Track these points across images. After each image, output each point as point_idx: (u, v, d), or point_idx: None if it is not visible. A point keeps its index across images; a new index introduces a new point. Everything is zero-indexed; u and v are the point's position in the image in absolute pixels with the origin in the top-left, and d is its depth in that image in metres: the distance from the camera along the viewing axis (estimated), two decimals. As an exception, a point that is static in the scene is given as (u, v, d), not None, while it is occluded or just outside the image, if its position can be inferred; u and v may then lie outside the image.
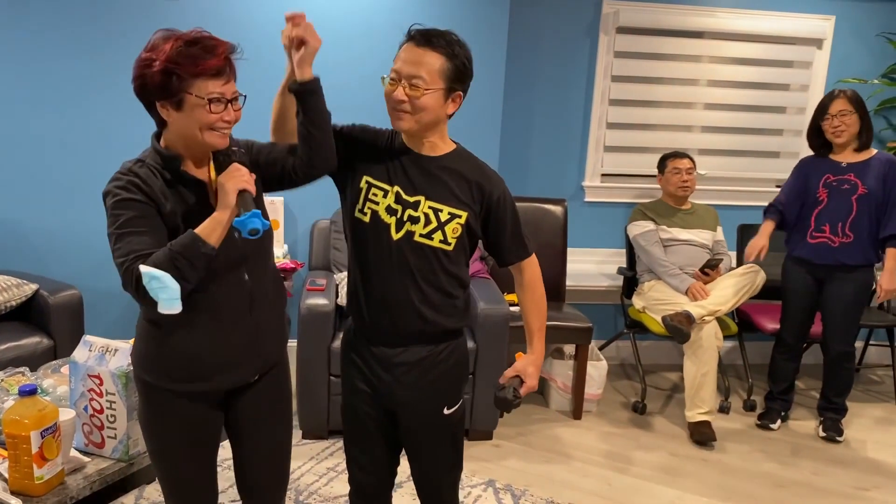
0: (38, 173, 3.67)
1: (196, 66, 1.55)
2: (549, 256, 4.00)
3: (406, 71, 1.77)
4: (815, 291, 3.52)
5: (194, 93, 1.56)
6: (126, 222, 1.57)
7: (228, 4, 3.66)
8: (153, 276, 1.49)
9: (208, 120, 1.59)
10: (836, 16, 4.29)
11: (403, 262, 1.80)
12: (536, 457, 3.28)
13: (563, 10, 4.13)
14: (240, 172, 1.63)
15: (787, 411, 3.74)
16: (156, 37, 1.62)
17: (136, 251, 1.54)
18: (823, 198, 3.42)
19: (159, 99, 1.60)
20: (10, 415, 1.70)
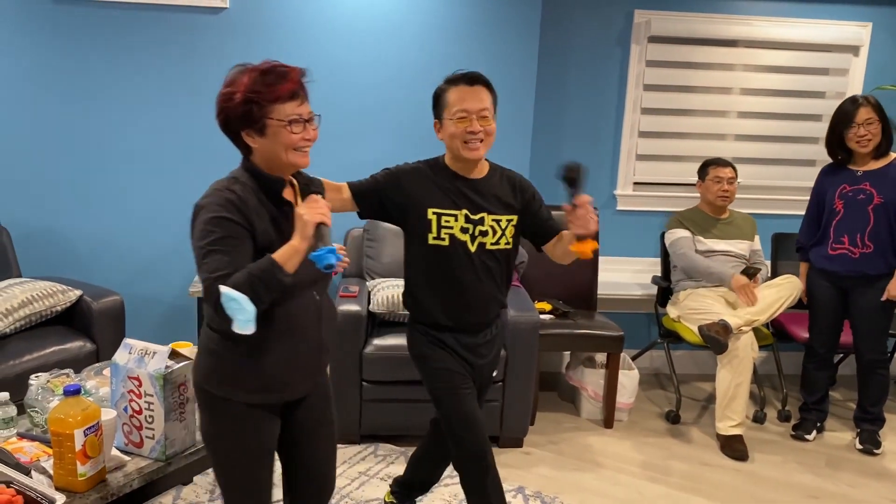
0: (82, 183, 3.80)
1: (273, 92, 1.68)
2: (581, 265, 4.00)
3: (475, 107, 2.15)
4: (841, 301, 3.49)
5: (275, 117, 1.69)
6: (217, 241, 1.64)
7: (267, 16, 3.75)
8: (232, 298, 1.56)
9: (291, 140, 1.72)
10: (872, 22, 4.24)
11: (485, 267, 2.25)
12: (567, 464, 3.29)
13: (595, 21, 4.14)
14: (318, 204, 1.72)
15: (822, 422, 3.69)
16: (232, 73, 1.74)
17: (221, 271, 1.61)
18: (840, 209, 3.40)
19: (244, 128, 1.72)
20: (55, 413, 1.77)
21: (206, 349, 1.79)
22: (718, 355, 3.45)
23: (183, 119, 3.80)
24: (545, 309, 3.76)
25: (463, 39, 3.84)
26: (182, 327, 3.98)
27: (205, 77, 3.77)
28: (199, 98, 3.78)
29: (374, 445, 3.33)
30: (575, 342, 3.64)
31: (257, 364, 1.76)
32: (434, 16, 3.81)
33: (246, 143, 1.75)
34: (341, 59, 3.82)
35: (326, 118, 3.84)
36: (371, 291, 3.45)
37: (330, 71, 3.82)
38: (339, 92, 3.85)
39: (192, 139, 3.82)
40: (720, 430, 3.49)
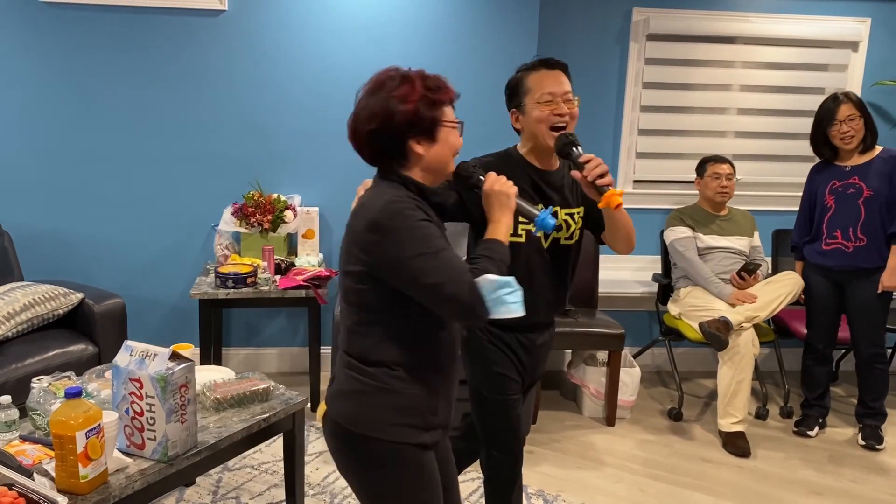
0: (84, 187, 3.81)
1: (446, 94, 1.61)
2: (582, 263, 4.01)
3: (560, 90, 2.08)
4: (837, 296, 3.50)
5: (447, 119, 1.61)
6: (438, 241, 1.51)
7: (266, 18, 3.76)
8: (504, 283, 1.49)
9: (458, 144, 1.65)
10: (871, 18, 4.24)
11: (557, 264, 2.17)
12: (569, 463, 3.29)
13: (593, 19, 4.15)
14: (503, 178, 1.68)
15: (824, 417, 3.69)
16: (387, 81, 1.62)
17: (465, 267, 1.51)
18: (831, 204, 3.43)
19: (414, 135, 1.58)
20: (57, 416, 1.78)
21: (364, 388, 1.60)
22: (719, 352, 3.45)
23: (183, 121, 3.81)
24: (546, 307, 3.76)
25: (461, 38, 3.85)
26: (183, 329, 4.00)
27: (204, 79, 3.78)
28: (200, 100, 3.79)
29: (376, 445, 3.33)
30: (576, 340, 3.64)
31: (432, 395, 1.62)
32: (432, 14, 3.82)
33: (402, 154, 1.61)
34: (340, 60, 3.82)
35: (326, 118, 3.87)
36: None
37: (329, 72, 3.83)
38: (338, 92, 3.85)
39: (193, 141, 3.83)
40: (722, 426, 3.49)
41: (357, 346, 1.61)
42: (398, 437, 1.58)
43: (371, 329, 1.59)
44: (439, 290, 1.47)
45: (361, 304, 1.59)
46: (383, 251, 1.50)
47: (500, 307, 1.47)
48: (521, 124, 2.17)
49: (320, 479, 3.03)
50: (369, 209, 1.53)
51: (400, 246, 1.48)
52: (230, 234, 3.76)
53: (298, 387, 3.96)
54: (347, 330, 1.63)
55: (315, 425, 3.50)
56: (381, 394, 1.58)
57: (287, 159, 3.90)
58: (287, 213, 3.72)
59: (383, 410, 1.58)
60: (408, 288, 1.51)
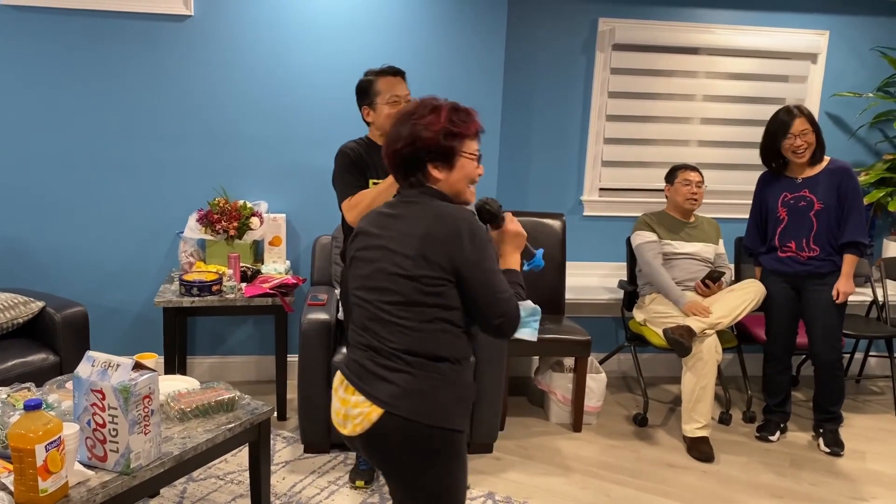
0: (44, 193, 3.75)
1: (469, 127, 1.79)
2: (548, 270, 4.04)
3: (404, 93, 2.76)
4: (796, 300, 3.57)
5: (466, 151, 1.79)
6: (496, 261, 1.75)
7: (232, 23, 3.73)
8: (535, 310, 1.72)
9: (474, 174, 1.83)
10: (830, 31, 4.35)
11: None
12: (536, 469, 3.31)
13: (560, 28, 4.19)
14: (516, 220, 1.94)
15: (785, 423, 3.76)
16: (424, 107, 1.79)
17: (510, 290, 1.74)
18: (784, 216, 3.52)
19: (434, 160, 1.78)
20: (15, 429, 1.74)
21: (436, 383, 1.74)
22: (682, 358, 3.50)
23: (148, 127, 3.77)
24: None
25: (429, 48, 3.86)
26: (147, 338, 3.94)
27: (170, 85, 3.74)
28: (165, 106, 3.75)
29: (343, 454, 3.32)
30: (543, 347, 3.67)
31: (472, 383, 1.82)
32: (400, 24, 3.83)
33: (424, 174, 1.80)
34: (307, 66, 3.81)
35: (293, 124, 3.86)
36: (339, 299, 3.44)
37: (295, 78, 3.82)
38: (304, 98, 3.84)
39: (158, 147, 3.79)
40: (686, 432, 3.54)
41: (423, 344, 1.73)
42: (457, 424, 1.75)
43: (439, 327, 1.73)
44: (501, 303, 1.70)
45: (432, 305, 1.72)
46: (466, 257, 1.69)
47: (525, 328, 1.71)
48: (372, 118, 2.75)
49: (286, 488, 3.00)
50: (446, 218, 1.71)
51: (481, 256, 1.70)
52: (195, 241, 3.72)
53: (265, 395, 3.93)
54: (406, 330, 1.73)
55: (281, 434, 3.47)
56: (450, 387, 1.74)
57: (254, 165, 3.88)
58: (253, 219, 3.69)
59: (451, 402, 1.74)
60: (475, 293, 1.71)
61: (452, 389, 1.74)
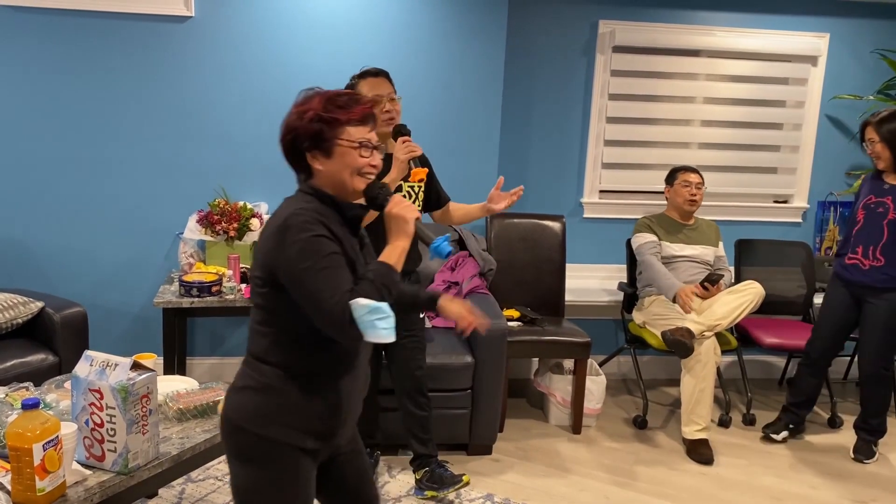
0: (44, 193, 3.75)
1: (346, 113, 1.66)
2: (548, 272, 4.05)
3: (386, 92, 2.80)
4: (852, 309, 3.48)
5: (345, 138, 1.65)
6: (325, 258, 1.56)
7: (233, 24, 3.74)
8: (374, 308, 1.50)
9: (358, 164, 1.67)
10: (830, 34, 4.35)
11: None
12: (535, 471, 3.30)
13: (560, 30, 4.19)
14: (406, 202, 1.69)
15: (796, 425, 3.73)
16: (302, 96, 1.73)
17: (344, 286, 1.55)
18: (860, 219, 3.42)
19: (311, 149, 1.67)
20: (13, 428, 1.74)
21: (256, 385, 1.66)
22: (683, 360, 3.49)
23: (149, 128, 3.77)
24: (513, 316, 3.78)
25: (429, 51, 3.87)
26: (146, 339, 3.94)
27: (171, 86, 3.74)
28: (165, 107, 3.76)
29: (342, 455, 3.31)
30: (543, 349, 3.66)
31: (318, 401, 1.67)
32: (399, 26, 3.83)
33: (308, 166, 1.69)
34: (307, 66, 3.81)
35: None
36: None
37: (296, 78, 3.82)
38: (305, 101, 3.84)
39: (159, 148, 3.79)
40: (686, 434, 3.53)
41: (256, 345, 1.69)
42: (279, 435, 1.65)
43: (269, 330, 1.66)
44: (316, 304, 1.54)
45: (262, 307, 1.66)
46: (279, 259, 1.58)
47: (370, 330, 1.50)
48: None
49: (285, 489, 3.00)
50: (276, 218, 1.62)
51: (292, 256, 1.56)
52: (195, 242, 3.72)
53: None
54: (251, 330, 1.71)
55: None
56: (270, 392, 1.65)
57: (254, 166, 3.88)
58: (253, 220, 3.69)
59: (269, 408, 1.65)
60: (295, 295, 1.58)
61: (276, 397, 1.64)
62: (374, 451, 3.14)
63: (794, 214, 4.57)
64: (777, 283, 4.20)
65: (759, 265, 4.28)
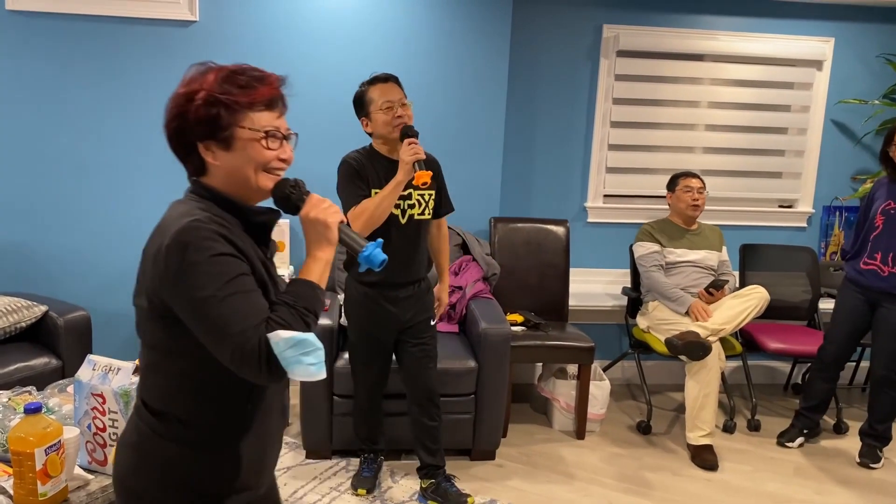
0: (48, 198, 3.75)
1: (248, 95, 1.34)
2: (552, 276, 4.04)
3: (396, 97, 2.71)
4: (866, 315, 3.46)
5: (247, 125, 1.34)
6: (233, 282, 1.26)
7: (237, 28, 3.74)
8: (298, 341, 1.24)
9: (264, 158, 1.36)
10: (835, 38, 4.34)
11: (415, 234, 2.77)
12: (539, 476, 3.29)
13: (564, 34, 4.19)
14: (327, 203, 1.41)
15: (811, 430, 3.70)
16: (192, 70, 1.39)
17: (257, 316, 1.25)
18: (879, 224, 3.38)
19: (203, 139, 1.35)
20: (15, 432, 1.74)
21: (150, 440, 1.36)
22: (687, 365, 3.48)
23: (152, 133, 3.77)
24: (517, 321, 3.77)
25: (434, 55, 3.87)
26: (151, 342, 3.93)
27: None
28: (168, 111, 3.76)
29: (345, 460, 3.30)
30: (546, 354, 3.65)
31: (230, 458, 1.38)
32: (403, 31, 3.83)
33: (201, 160, 1.38)
34: (311, 70, 3.82)
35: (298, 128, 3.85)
36: (342, 305, 3.43)
37: (300, 82, 3.82)
38: (309, 103, 3.84)
39: (164, 152, 3.78)
40: (690, 440, 3.52)
41: (148, 391, 1.38)
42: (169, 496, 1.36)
43: (163, 374, 1.35)
44: (222, 341, 1.24)
45: (152, 346, 1.35)
46: (171, 286, 1.26)
47: (295, 367, 1.24)
48: (371, 128, 2.73)
49: (288, 494, 2.99)
50: (164, 232, 1.29)
51: (188, 283, 1.24)
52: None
53: (267, 400, 3.92)
54: (140, 371, 1.40)
55: (283, 440, 3.46)
56: (170, 450, 1.35)
57: (258, 171, 3.88)
58: (257, 225, 3.69)
59: (170, 469, 1.35)
60: (193, 327, 1.27)
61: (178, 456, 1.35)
62: (378, 456, 3.12)
63: (799, 219, 4.55)
64: (782, 287, 4.18)
65: (763, 270, 4.26)
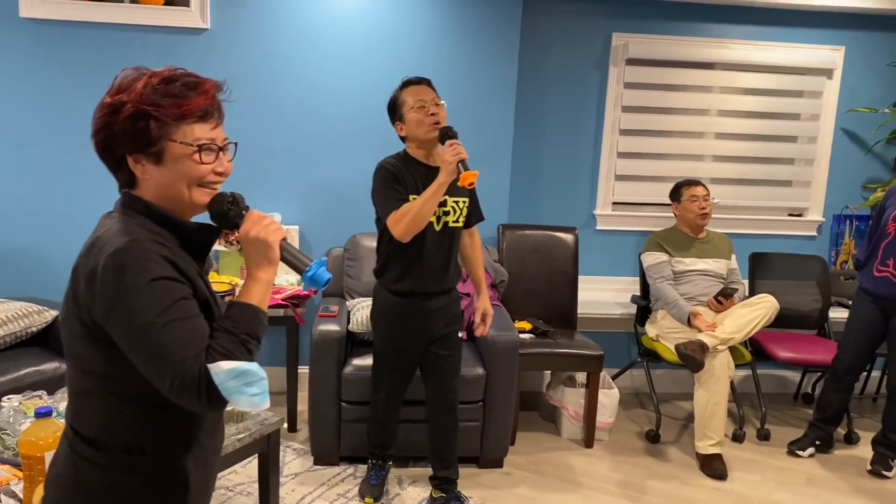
0: (59, 203, 3.78)
1: (179, 107, 1.27)
2: (561, 284, 4.03)
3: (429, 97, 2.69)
4: (880, 324, 3.44)
5: (178, 139, 1.27)
6: (173, 308, 1.19)
7: (249, 36, 3.77)
8: (240, 372, 1.18)
9: (198, 173, 1.29)
10: (845, 46, 4.33)
11: (448, 242, 2.73)
12: (547, 485, 3.28)
13: (573, 43, 4.20)
14: (267, 219, 1.35)
15: (823, 442, 3.67)
16: (122, 76, 1.31)
17: (197, 345, 1.19)
18: (891, 231, 3.37)
19: (132, 152, 1.27)
20: (26, 436, 1.75)
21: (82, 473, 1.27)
22: (696, 374, 3.46)
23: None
24: (525, 328, 3.77)
25: (443, 62, 3.88)
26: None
27: (185, 97, 3.77)
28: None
29: (353, 467, 3.30)
30: (555, 361, 3.65)
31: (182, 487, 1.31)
32: (414, 38, 3.85)
33: (132, 173, 1.29)
34: (321, 78, 3.84)
35: (307, 136, 3.88)
36: (351, 311, 3.44)
37: (310, 90, 3.84)
38: (319, 111, 3.86)
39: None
40: (699, 449, 3.50)
41: (79, 419, 1.28)
42: None
43: (95, 399, 1.26)
44: (160, 370, 1.17)
45: (84, 370, 1.26)
46: (105, 309, 1.19)
47: (237, 397, 1.18)
48: (405, 132, 2.68)
49: (296, 500, 2.99)
50: (99, 251, 1.22)
51: (124, 308, 1.17)
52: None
53: (275, 407, 3.91)
54: (69, 396, 1.30)
55: (291, 445, 3.47)
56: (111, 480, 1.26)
57: (268, 177, 3.90)
58: (266, 231, 3.70)
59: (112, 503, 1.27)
60: (129, 355, 1.20)
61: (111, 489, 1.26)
62: (387, 463, 3.12)
63: (809, 228, 4.53)
64: (792, 296, 4.16)
65: (773, 279, 4.25)
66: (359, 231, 3.82)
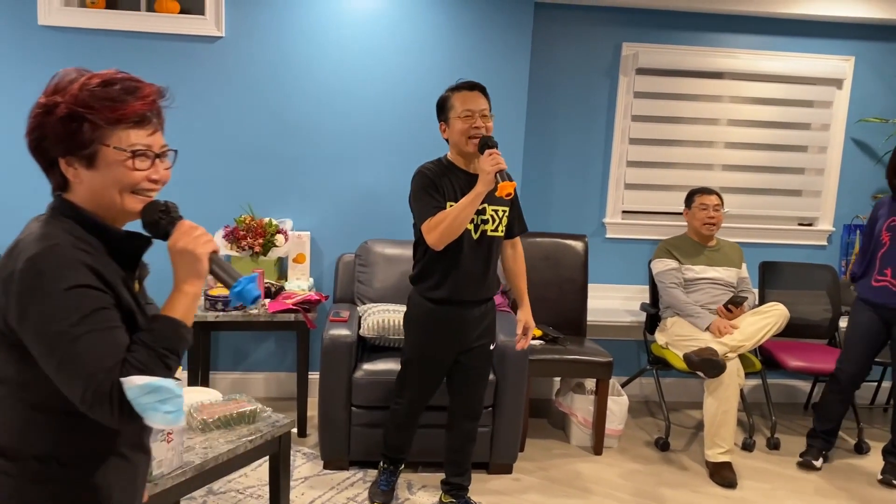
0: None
1: (115, 111, 1.23)
2: (570, 291, 4.04)
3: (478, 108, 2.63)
4: (881, 333, 3.44)
5: (112, 144, 1.23)
6: (90, 318, 1.16)
7: (263, 44, 3.81)
8: (154, 388, 1.14)
9: (131, 179, 1.26)
10: (855, 56, 4.34)
11: (486, 250, 2.69)
12: (556, 491, 3.28)
13: (584, 52, 4.23)
14: (198, 231, 1.32)
15: (828, 451, 3.67)
16: (58, 76, 1.28)
17: (111, 358, 1.15)
18: (886, 241, 3.38)
19: (64, 154, 1.24)
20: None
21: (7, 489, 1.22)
22: (706, 382, 3.46)
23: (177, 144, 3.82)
24: (535, 335, 3.78)
25: (454, 70, 3.90)
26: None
27: (201, 104, 3.82)
28: (195, 125, 3.83)
29: (363, 471, 3.31)
30: (565, 368, 3.65)
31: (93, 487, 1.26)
32: (425, 46, 3.88)
33: (63, 176, 1.27)
34: (334, 86, 3.88)
35: (320, 143, 3.92)
36: (361, 316, 3.46)
37: (323, 98, 3.88)
38: (332, 118, 3.90)
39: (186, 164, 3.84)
40: (709, 457, 3.49)
41: None
42: None
43: (14, 407, 1.23)
44: (71, 380, 1.14)
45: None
46: (19, 315, 1.16)
47: (151, 413, 1.15)
48: (448, 135, 2.66)
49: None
50: (18, 255, 1.19)
51: (39, 314, 1.14)
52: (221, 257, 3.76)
53: (285, 412, 3.92)
54: None
55: (301, 450, 3.48)
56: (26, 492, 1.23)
57: (280, 184, 3.93)
58: (278, 236, 3.74)
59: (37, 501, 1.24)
60: (42, 363, 1.17)
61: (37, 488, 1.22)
62: (398, 468, 3.12)
63: (819, 237, 4.53)
64: (802, 305, 4.16)
65: (783, 288, 4.25)
66: (370, 237, 3.85)
